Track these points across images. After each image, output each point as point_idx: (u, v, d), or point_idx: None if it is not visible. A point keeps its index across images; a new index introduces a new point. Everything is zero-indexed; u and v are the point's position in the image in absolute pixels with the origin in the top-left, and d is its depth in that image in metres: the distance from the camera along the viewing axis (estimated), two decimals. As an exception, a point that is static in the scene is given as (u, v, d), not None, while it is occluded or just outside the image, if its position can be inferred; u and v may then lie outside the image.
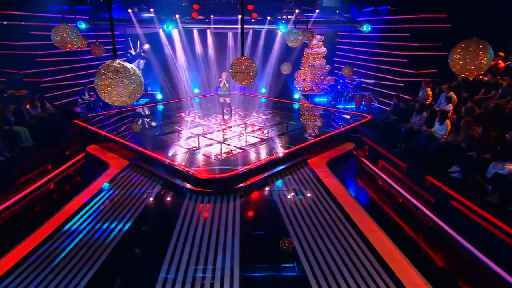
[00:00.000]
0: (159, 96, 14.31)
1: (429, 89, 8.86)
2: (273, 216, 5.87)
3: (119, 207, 6.12)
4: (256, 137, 9.05)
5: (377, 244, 5.05)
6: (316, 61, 15.11)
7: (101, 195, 6.55)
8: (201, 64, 15.10)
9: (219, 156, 7.72)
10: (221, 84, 10.58)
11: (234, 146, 8.31)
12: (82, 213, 5.90)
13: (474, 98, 7.66)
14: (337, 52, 16.23)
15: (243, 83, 4.64)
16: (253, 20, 13.24)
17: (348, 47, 13.78)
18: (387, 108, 11.34)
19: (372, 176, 7.72)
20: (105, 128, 9.62)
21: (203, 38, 15.00)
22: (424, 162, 6.61)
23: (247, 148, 8.16)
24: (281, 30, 13.72)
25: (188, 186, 6.72)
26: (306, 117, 11.44)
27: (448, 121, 6.90)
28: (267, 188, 6.98)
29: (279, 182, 7.16)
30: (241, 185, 6.78)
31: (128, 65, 3.07)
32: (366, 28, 12.80)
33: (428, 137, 6.85)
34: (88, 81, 11.75)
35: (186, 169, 6.91)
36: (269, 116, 11.46)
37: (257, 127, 9.97)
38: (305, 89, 14.98)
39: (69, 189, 7.14)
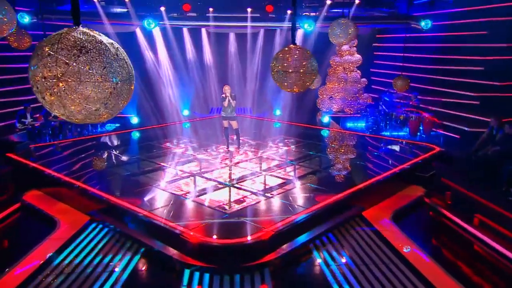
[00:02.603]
0: (134, 120, 14.27)
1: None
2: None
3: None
4: (278, 177, 8.69)
5: None
6: (348, 73, 15.09)
7: (42, 273, 5.69)
8: (194, 74, 15.24)
9: (226, 207, 7.14)
10: (225, 103, 10.26)
11: (247, 191, 7.85)
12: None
13: None
14: (375, 61, 16.19)
15: (295, 90, 3.70)
16: (270, 16, 13.19)
17: (391, 54, 13.60)
18: (455, 136, 11.43)
19: (464, 239, 6.99)
20: (54, 165, 9.13)
21: (197, 40, 15.15)
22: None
23: (266, 195, 7.66)
24: (305, 29, 13.63)
25: (179, 256, 5.97)
26: (342, 148, 11.37)
27: None
28: (310, 261, 6.19)
29: (325, 252, 6.38)
30: (268, 257, 5.92)
31: (104, 38, 2.27)
32: (425, 25, 12.66)
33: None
34: (31, 99, 11.54)
35: (176, 228, 6.25)
36: (292, 147, 11.20)
37: (278, 163, 9.66)
38: (333, 110, 15.06)
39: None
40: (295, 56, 3.70)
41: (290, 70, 3.76)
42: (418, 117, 12.25)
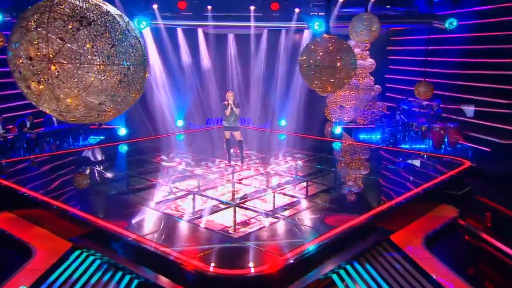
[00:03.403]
0: (122, 131, 14.14)
1: None
2: None
3: None
4: (288, 195, 8.64)
5: None
6: (360, 80, 15.15)
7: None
8: (189, 80, 15.31)
9: (230, 230, 7.10)
10: (227, 111, 10.24)
11: (254, 211, 7.81)
12: None
13: None
14: (390, 66, 16.34)
15: (327, 89, 3.48)
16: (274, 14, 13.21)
17: (408, 58, 13.53)
18: (485, 148, 11.50)
19: (509, 267, 6.87)
20: (29, 183, 8.97)
21: (193, 42, 15.26)
22: None
23: (277, 216, 7.62)
24: (314, 29, 13.62)
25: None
26: (358, 162, 11.42)
27: None
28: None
29: (351, 283, 6.20)
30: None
31: (111, 8, 2.05)
32: (450, 24, 12.70)
33: None
34: (4, 108, 11.52)
35: (171, 255, 6.11)
36: (301, 161, 11.18)
37: (288, 180, 9.62)
38: (344, 120, 15.26)
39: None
40: (331, 48, 3.38)
41: (323, 65, 3.41)
42: (442, 128, 12.22)
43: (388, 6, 14.35)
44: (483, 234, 7.60)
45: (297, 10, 13.47)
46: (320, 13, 13.70)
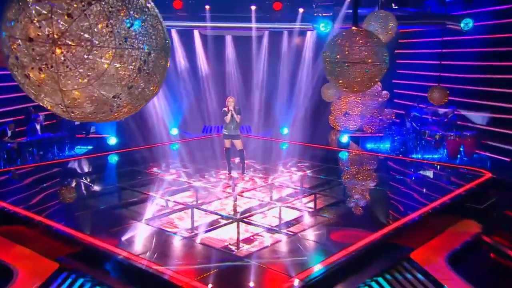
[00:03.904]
0: (112, 141, 14.11)
1: None
2: None
3: None
4: (293, 208, 8.61)
5: None
6: None
7: None
8: (185, 85, 15.37)
9: (232, 247, 7.01)
10: (227, 118, 10.31)
11: (259, 226, 7.75)
12: None
13: None
14: (398, 71, 16.48)
15: (354, 89, 3.46)
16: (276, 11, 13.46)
17: (418, 62, 13.50)
18: (504, 158, 11.52)
19: None
20: (10, 197, 8.93)
21: (188, 44, 15.36)
22: None
23: (284, 232, 7.54)
24: (320, 30, 13.68)
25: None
26: (368, 173, 11.43)
27: None
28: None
29: None
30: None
31: None
32: (465, 25, 12.82)
33: None
34: None
35: (169, 276, 5.99)
36: (307, 172, 11.25)
37: (293, 192, 9.64)
38: (350, 128, 15.38)
39: None
40: (360, 41, 3.17)
41: (350, 61, 3.19)
42: (458, 136, 12.25)
43: (396, 7, 14.36)
44: (510, 252, 7.48)
45: (301, 10, 13.56)
46: (324, 14, 13.78)
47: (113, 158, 12.71)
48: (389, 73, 15.89)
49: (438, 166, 11.41)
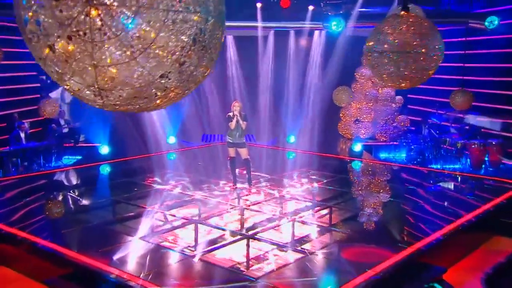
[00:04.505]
0: (104, 150, 14.09)
1: None
2: None
3: None
4: (305, 223, 8.53)
5: None
6: (379, 90, 15.28)
7: None
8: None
9: (240, 268, 6.87)
10: (232, 124, 10.25)
11: (270, 242, 7.59)
12: None
13: None
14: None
15: (403, 84, 3.48)
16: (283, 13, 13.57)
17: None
18: None
19: None
20: None
21: None
22: None
23: (301, 250, 7.38)
24: (332, 30, 13.66)
25: None
26: (386, 185, 11.45)
27: None
28: None
29: None
30: None
31: None
32: (490, 23, 12.79)
33: None
34: None
35: None
36: (319, 183, 11.23)
37: (306, 205, 9.58)
38: (361, 136, 15.34)
39: None
40: (412, 28, 2.89)
41: (401, 51, 2.93)
42: (482, 145, 12.13)
43: (411, 6, 14.35)
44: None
45: (310, 7, 13.62)
46: (334, 12, 13.86)
47: (106, 169, 12.75)
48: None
49: (460, 178, 11.39)
